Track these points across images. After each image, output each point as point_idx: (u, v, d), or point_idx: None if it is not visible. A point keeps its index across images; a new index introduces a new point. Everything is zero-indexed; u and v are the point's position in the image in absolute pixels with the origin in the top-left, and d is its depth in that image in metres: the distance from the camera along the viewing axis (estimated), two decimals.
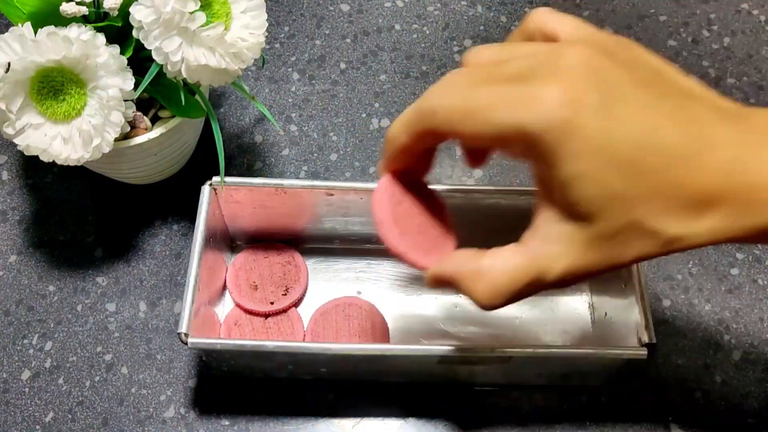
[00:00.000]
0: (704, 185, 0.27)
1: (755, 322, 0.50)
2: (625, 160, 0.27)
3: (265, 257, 0.49)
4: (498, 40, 0.62)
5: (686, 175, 0.27)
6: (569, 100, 0.27)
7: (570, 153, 0.27)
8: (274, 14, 0.63)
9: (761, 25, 0.64)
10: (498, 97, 0.28)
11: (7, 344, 0.48)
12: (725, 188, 0.27)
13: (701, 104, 0.30)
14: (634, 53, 0.30)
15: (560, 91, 0.27)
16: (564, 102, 0.27)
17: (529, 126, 0.27)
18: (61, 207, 0.53)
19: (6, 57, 0.39)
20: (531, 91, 0.28)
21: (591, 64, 0.28)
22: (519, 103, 0.28)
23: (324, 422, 0.46)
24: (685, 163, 0.27)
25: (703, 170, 0.27)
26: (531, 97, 0.27)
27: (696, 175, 0.27)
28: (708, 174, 0.27)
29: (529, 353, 0.41)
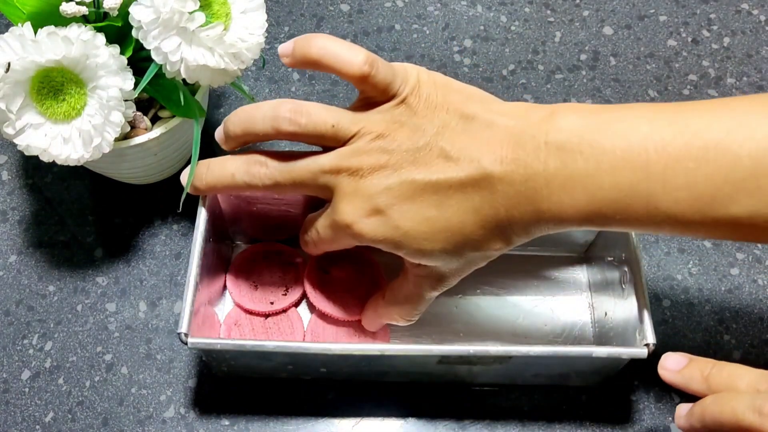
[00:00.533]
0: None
1: (755, 322, 0.50)
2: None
3: (265, 257, 0.49)
4: (498, 40, 0.62)
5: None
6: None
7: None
8: (274, 14, 0.63)
9: (761, 25, 0.64)
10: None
11: (7, 344, 0.48)
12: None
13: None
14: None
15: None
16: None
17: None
18: (61, 207, 0.53)
19: (6, 57, 0.39)
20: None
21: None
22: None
23: (324, 422, 0.46)
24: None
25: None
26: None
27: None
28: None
29: (529, 353, 0.41)
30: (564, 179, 0.35)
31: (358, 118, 0.38)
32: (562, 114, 0.36)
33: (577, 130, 0.35)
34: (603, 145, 0.35)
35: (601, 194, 0.35)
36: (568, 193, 0.35)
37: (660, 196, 0.34)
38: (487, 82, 0.60)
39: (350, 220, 0.38)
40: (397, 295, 0.43)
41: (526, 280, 0.50)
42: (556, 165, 0.35)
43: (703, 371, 0.38)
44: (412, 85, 0.38)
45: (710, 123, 0.34)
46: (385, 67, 0.38)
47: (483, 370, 0.44)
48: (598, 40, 0.63)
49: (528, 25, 0.63)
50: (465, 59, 0.61)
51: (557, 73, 0.60)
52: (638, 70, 0.61)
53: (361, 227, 0.38)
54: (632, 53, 0.62)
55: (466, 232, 0.37)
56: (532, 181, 0.35)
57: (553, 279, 0.50)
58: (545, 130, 0.36)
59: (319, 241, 0.42)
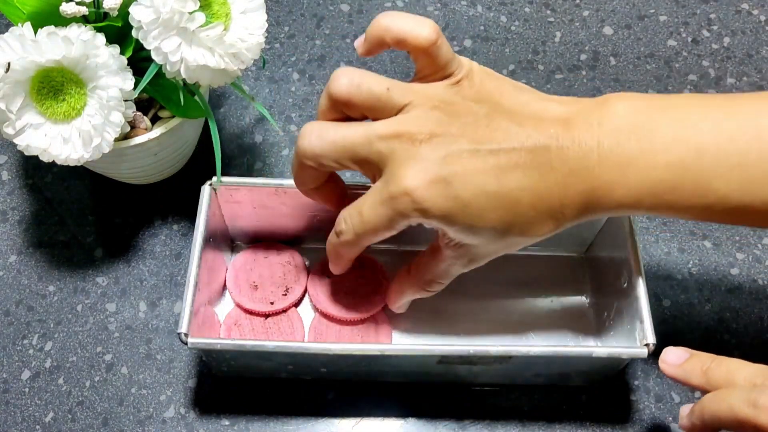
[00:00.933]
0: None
1: (755, 322, 0.50)
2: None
3: (265, 257, 0.49)
4: (498, 40, 0.62)
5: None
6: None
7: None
8: (274, 14, 0.63)
9: (761, 25, 0.64)
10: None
11: (7, 344, 0.48)
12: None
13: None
14: (468, 93, 0.38)
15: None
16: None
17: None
18: (61, 207, 0.53)
19: (6, 57, 0.39)
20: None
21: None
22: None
23: (324, 422, 0.46)
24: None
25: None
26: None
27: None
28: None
29: (529, 353, 0.41)
30: (617, 158, 0.35)
31: (413, 88, 0.38)
32: (615, 100, 0.37)
33: (630, 114, 0.36)
34: (656, 127, 0.35)
35: (654, 173, 0.35)
36: (621, 172, 0.35)
37: (712, 177, 0.35)
38: None
39: (411, 186, 0.35)
40: (425, 273, 0.42)
41: (526, 279, 0.50)
42: (609, 144, 0.35)
43: (703, 365, 0.38)
44: (466, 70, 0.38)
45: (762, 109, 0.35)
46: (447, 44, 0.38)
47: (483, 370, 0.44)
48: (598, 40, 0.63)
49: (528, 25, 0.63)
50: None
51: (557, 73, 0.60)
52: (638, 70, 0.61)
53: (422, 194, 0.35)
54: (632, 53, 0.62)
55: (519, 211, 0.36)
56: (586, 159, 0.35)
57: (553, 279, 0.50)
58: (599, 114, 0.36)
59: (365, 227, 0.38)
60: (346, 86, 0.37)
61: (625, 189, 0.35)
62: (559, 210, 0.36)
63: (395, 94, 0.37)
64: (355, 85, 0.37)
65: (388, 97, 0.37)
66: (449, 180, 0.36)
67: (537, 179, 0.36)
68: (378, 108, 0.37)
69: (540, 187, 0.36)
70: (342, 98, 0.38)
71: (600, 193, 0.36)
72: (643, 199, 0.36)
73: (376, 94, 0.37)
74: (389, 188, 0.36)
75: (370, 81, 0.37)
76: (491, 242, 0.38)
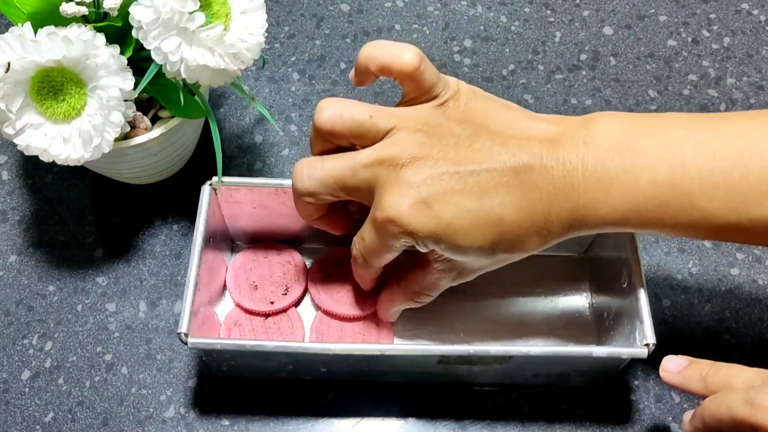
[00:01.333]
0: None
1: (755, 322, 0.50)
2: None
3: (265, 257, 0.49)
4: (498, 40, 0.62)
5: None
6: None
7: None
8: (274, 14, 0.63)
9: (761, 25, 0.64)
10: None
11: (7, 344, 0.48)
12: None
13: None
14: (452, 114, 0.38)
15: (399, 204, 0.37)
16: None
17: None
18: (61, 207, 0.53)
19: (6, 57, 0.39)
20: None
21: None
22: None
23: (324, 422, 0.46)
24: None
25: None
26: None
27: None
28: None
29: (529, 353, 0.41)
30: (601, 176, 0.36)
31: (397, 112, 0.39)
32: (600, 119, 0.37)
33: (615, 133, 0.37)
34: (640, 145, 0.36)
35: (639, 192, 0.36)
36: (605, 190, 0.36)
37: (696, 194, 0.35)
38: (487, 82, 0.60)
39: (394, 213, 0.37)
40: (415, 285, 0.43)
41: (526, 279, 0.50)
42: (594, 162, 0.36)
43: (701, 372, 0.38)
44: (452, 91, 0.39)
45: (746, 129, 0.36)
46: (432, 67, 0.39)
47: (483, 369, 0.44)
48: (598, 40, 0.63)
49: (528, 25, 0.63)
50: (465, 59, 0.61)
51: (557, 73, 0.60)
52: (638, 70, 0.61)
53: (405, 218, 0.37)
54: (632, 53, 0.62)
55: (503, 229, 0.37)
56: (570, 177, 0.36)
57: (553, 279, 0.50)
58: (584, 133, 0.37)
59: (368, 251, 0.40)
60: (329, 117, 0.39)
61: (609, 207, 0.36)
62: (544, 227, 0.37)
63: (379, 119, 0.38)
64: (337, 115, 0.38)
65: (371, 123, 0.38)
66: (430, 202, 0.37)
67: (520, 197, 0.36)
68: (363, 135, 0.39)
69: (523, 204, 0.36)
70: (326, 129, 0.39)
71: (585, 211, 0.36)
72: (628, 217, 0.36)
73: (359, 122, 0.38)
74: (377, 214, 0.38)
75: (353, 109, 0.38)
76: (479, 259, 0.39)
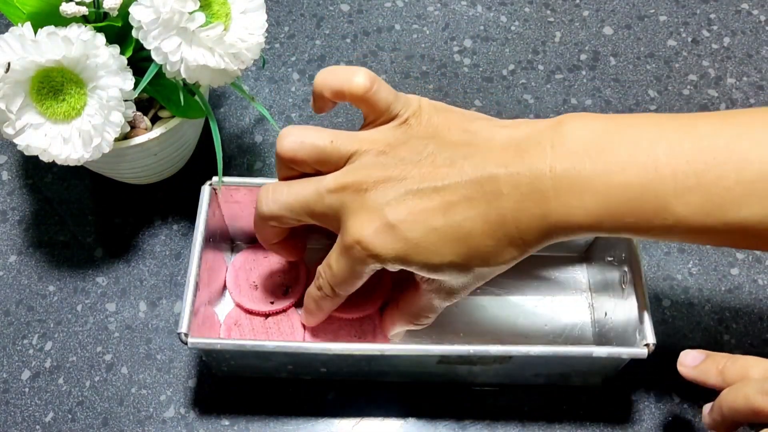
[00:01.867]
0: None
1: (755, 322, 0.50)
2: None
3: (265, 257, 0.49)
4: (498, 40, 0.62)
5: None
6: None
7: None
8: (274, 14, 0.63)
9: (761, 25, 0.64)
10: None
11: (7, 344, 0.48)
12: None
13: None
14: (409, 133, 0.38)
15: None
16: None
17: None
18: (61, 207, 0.53)
19: (6, 57, 0.39)
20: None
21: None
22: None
23: (324, 422, 0.46)
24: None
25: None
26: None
27: None
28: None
29: (529, 353, 0.41)
30: (572, 181, 0.35)
31: (358, 136, 0.39)
32: (568, 121, 0.36)
33: (584, 136, 0.35)
34: (611, 148, 0.35)
35: (611, 196, 0.34)
36: (576, 196, 0.35)
37: (671, 198, 0.34)
38: (487, 82, 0.60)
39: (359, 236, 0.37)
40: (411, 307, 0.43)
41: (526, 280, 0.50)
42: (563, 167, 0.35)
43: (719, 365, 0.38)
44: (413, 109, 0.39)
45: (718, 128, 0.34)
46: (386, 87, 0.38)
47: (483, 369, 0.44)
48: (598, 40, 0.63)
49: (528, 25, 0.63)
50: (465, 59, 0.61)
51: (557, 73, 0.60)
52: (638, 70, 0.61)
53: (371, 242, 0.37)
54: (632, 53, 0.62)
55: (474, 243, 0.36)
56: (538, 182, 0.35)
57: (553, 279, 0.50)
58: (550, 136, 0.36)
59: (335, 279, 0.40)
60: (290, 145, 0.39)
61: (583, 211, 0.35)
62: (517, 236, 0.36)
63: (340, 145, 0.38)
64: (298, 142, 0.39)
65: (333, 148, 0.38)
66: (395, 224, 0.37)
67: (486, 209, 0.36)
68: (325, 161, 0.39)
69: (490, 215, 0.36)
70: (287, 157, 0.39)
71: (558, 217, 0.35)
72: (602, 221, 0.35)
73: (320, 148, 0.38)
74: (344, 240, 0.38)
75: (313, 136, 0.39)
76: (458, 276, 0.38)
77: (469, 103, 0.59)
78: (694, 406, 0.47)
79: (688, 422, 0.46)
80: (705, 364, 0.39)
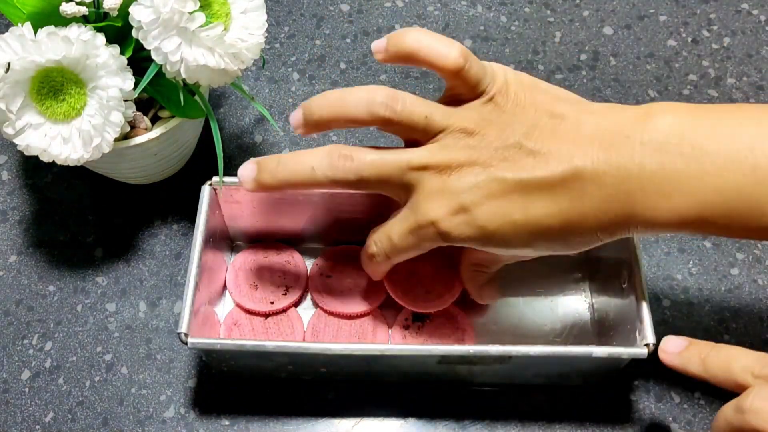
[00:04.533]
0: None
1: (755, 322, 0.50)
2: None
3: (265, 257, 0.49)
4: (498, 40, 0.62)
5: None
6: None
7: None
8: (274, 14, 0.63)
9: (761, 25, 0.64)
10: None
11: (7, 344, 0.48)
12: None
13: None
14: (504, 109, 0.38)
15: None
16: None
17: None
18: (61, 207, 0.53)
19: (6, 57, 0.39)
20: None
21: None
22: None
23: (324, 422, 0.46)
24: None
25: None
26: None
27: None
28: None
29: (529, 353, 0.41)
30: (661, 181, 0.33)
31: (449, 113, 0.38)
32: (659, 113, 0.35)
33: (676, 131, 0.34)
34: (706, 147, 0.33)
35: (704, 198, 0.33)
36: (666, 196, 0.33)
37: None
38: None
39: (435, 217, 0.37)
40: (473, 258, 0.44)
41: (526, 280, 0.50)
42: (653, 167, 0.33)
43: (701, 353, 0.37)
44: (499, 84, 0.38)
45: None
46: (477, 63, 0.38)
47: (483, 370, 0.44)
48: (598, 40, 0.63)
49: (528, 25, 0.63)
50: None
51: (557, 73, 0.60)
52: (638, 70, 0.61)
53: (446, 225, 0.37)
54: (632, 53, 0.62)
55: (549, 236, 0.36)
56: (625, 183, 0.34)
57: (553, 279, 0.50)
58: (640, 130, 0.34)
59: (394, 250, 0.40)
60: (384, 107, 0.38)
61: (670, 213, 0.34)
62: (596, 234, 0.36)
63: (432, 122, 0.38)
64: (393, 110, 0.38)
65: (425, 124, 0.38)
66: (473, 211, 0.36)
67: (568, 206, 0.35)
68: (414, 134, 0.38)
69: (572, 213, 0.35)
70: (380, 118, 0.38)
71: (642, 218, 0.34)
72: (689, 223, 0.34)
73: (414, 121, 0.38)
74: (416, 218, 0.37)
75: (411, 107, 0.38)
76: (523, 254, 0.39)
77: None
78: (695, 406, 0.47)
79: (689, 422, 0.46)
80: (688, 351, 0.38)
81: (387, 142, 0.54)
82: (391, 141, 0.52)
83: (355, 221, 0.48)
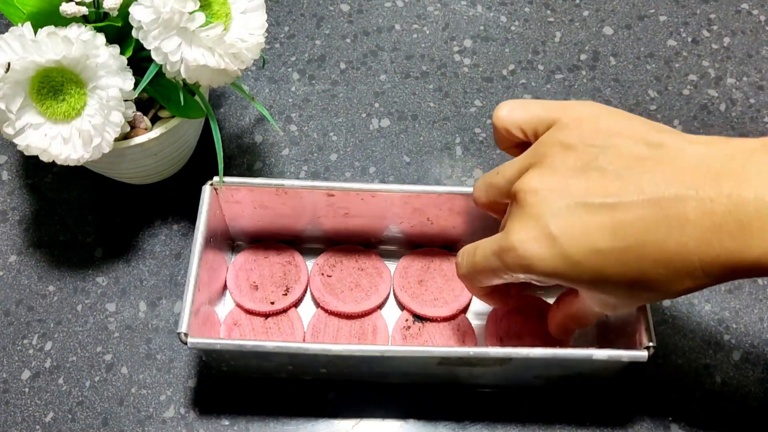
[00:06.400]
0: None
1: (755, 322, 0.50)
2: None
3: (266, 257, 0.49)
4: (498, 40, 0.62)
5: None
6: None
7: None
8: (274, 14, 0.63)
9: (761, 25, 0.64)
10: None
11: (7, 344, 0.48)
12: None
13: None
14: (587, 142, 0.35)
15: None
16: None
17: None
18: (61, 207, 0.53)
19: (6, 57, 0.39)
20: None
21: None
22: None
23: (324, 422, 0.46)
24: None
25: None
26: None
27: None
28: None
29: (529, 355, 0.41)
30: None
31: (541, 140, 0.37)
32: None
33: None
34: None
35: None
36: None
37: None
38: (487, 82, 0.60)
39: (516, 241, 0.34)
40: (570, 309, 0.42)
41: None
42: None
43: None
44: (573, 115, 0.36)
45: None
46: (537, 107, 0.38)
47: (483, 371, 0.44)
48: (598, 40, 0.63)
49: (528, 25, 0.63)
50: (465, 59, 0.61)
51: (557, 73, 0.60)
52: (638, 70, 0.61)
53: (527, 250, 0.34)
54: (632, 53, 0.62)
55: (642, 270, 0.32)
56: (738, 212, 0.30)
57: None
58: (760, 161, 0.31)
59: (474, 267, 0.38)
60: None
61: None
62: (699, 269, 0.31)
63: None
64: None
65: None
66: (557, 237, 0.33)
67: (664, 235, 0.31)
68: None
69: (669, 243, 0.31)
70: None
71: (757, 255, 0.30)
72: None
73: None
74: (502, 240, 0.36)
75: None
76: (616, 296, 0.35)
77: (469, 103, 0.59)
78: (695, 408, 0.47)
79: (689, 424, 0.46)
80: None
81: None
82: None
83: (355, 221, 0.48)
